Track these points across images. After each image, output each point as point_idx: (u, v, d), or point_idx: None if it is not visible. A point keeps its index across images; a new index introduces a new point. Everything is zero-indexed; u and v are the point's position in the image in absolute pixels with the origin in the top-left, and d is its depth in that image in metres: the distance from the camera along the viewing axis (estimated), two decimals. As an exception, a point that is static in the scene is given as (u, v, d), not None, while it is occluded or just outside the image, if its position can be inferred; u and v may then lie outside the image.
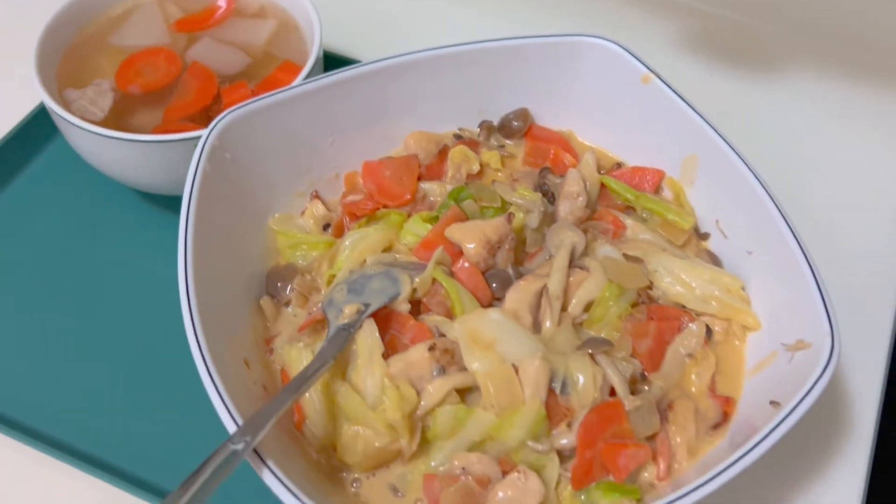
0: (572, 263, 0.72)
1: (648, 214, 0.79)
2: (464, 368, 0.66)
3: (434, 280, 0.69)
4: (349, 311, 0.68)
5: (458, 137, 0.86)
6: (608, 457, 0.63)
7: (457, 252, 0.72)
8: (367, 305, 0.68)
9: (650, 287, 0.73)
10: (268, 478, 0.55)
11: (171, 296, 0.63)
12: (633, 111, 0.81)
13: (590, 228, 0.76)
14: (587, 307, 0.70)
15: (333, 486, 0.65)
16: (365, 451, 0.64)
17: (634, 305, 0.70)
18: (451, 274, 0.71)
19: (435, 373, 0.65)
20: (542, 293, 0.70)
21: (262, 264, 0.76)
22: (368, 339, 0.66)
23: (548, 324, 0.68)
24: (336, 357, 0.65)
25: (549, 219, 0.78)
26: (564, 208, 0.77)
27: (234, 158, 0.73)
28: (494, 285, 0.71)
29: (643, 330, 0.69)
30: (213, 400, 0.58)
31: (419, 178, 0.81)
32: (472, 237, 0.72)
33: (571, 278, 0.71)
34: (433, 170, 0.82)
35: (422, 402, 0.64)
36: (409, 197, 0.80)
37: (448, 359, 0.66)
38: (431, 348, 0.65)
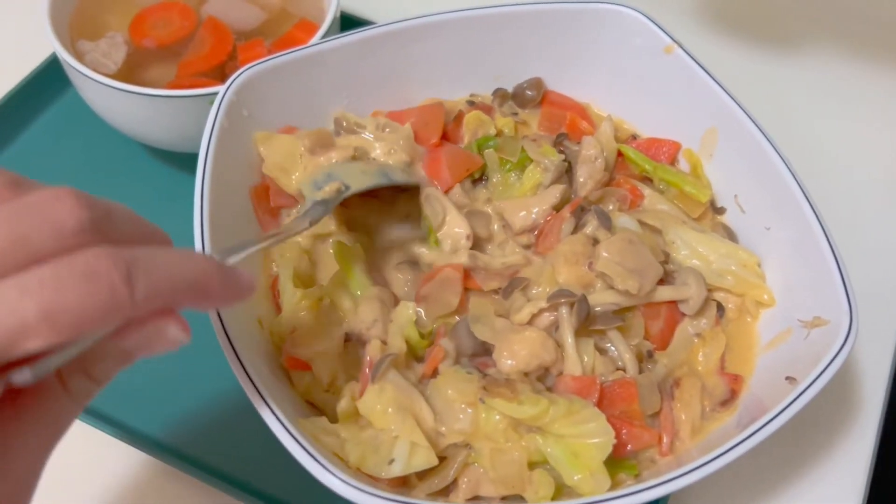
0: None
1: (665, 186, 0.77)
2: None
3: None
4: (329, 188, 0.67)
5: (472, 104, 0.84)
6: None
7: None
8: (347, 187, 0.67)
9: (665, 261, 0.72)
10: (268, 418, 0.55)
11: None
12: (653, 82, 0.80)
13: (608, 195, 0.75)
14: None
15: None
16: None
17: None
18: None
19: None
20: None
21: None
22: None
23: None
24: (313, 223, 0.62)
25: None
26: (583, 172, 0.75)
27: (251, 115, 0.72)
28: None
29: (655, 312, 0.69)
30: (228, 358, 0.58)
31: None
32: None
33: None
34: (449, 137, 0.81)
35: None
36: (435, 141, 0.78)
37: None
38: None
